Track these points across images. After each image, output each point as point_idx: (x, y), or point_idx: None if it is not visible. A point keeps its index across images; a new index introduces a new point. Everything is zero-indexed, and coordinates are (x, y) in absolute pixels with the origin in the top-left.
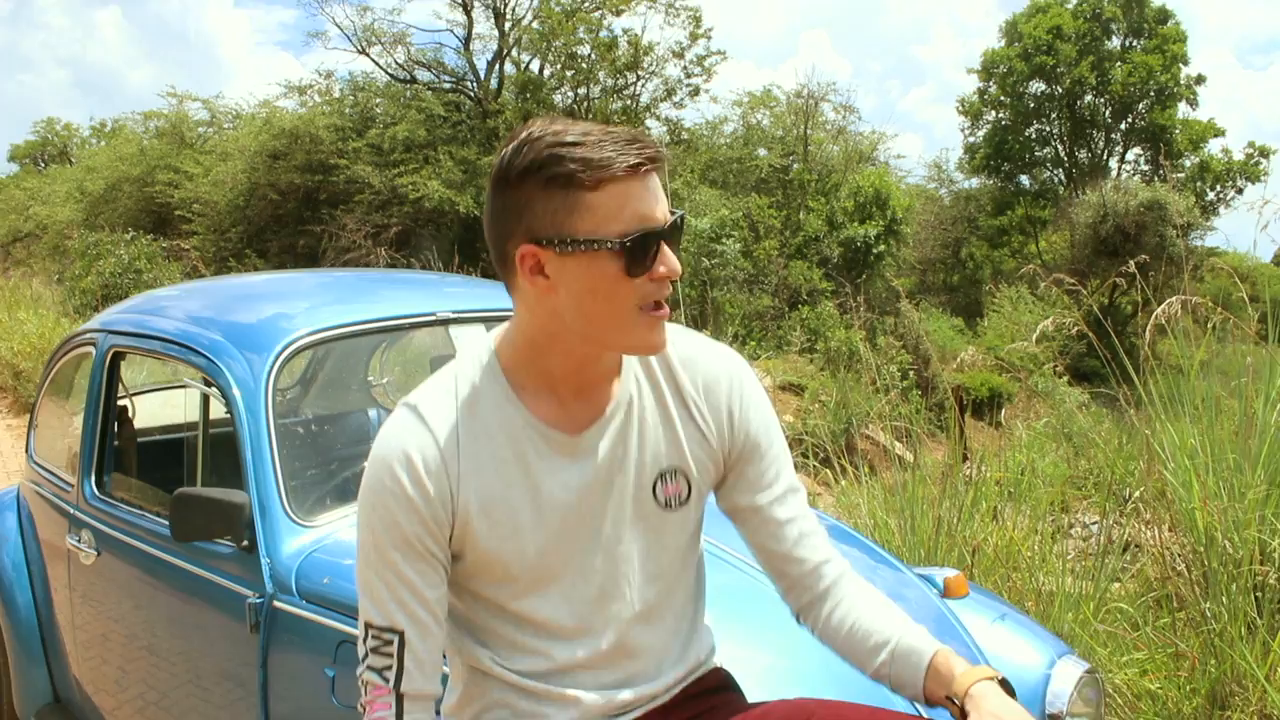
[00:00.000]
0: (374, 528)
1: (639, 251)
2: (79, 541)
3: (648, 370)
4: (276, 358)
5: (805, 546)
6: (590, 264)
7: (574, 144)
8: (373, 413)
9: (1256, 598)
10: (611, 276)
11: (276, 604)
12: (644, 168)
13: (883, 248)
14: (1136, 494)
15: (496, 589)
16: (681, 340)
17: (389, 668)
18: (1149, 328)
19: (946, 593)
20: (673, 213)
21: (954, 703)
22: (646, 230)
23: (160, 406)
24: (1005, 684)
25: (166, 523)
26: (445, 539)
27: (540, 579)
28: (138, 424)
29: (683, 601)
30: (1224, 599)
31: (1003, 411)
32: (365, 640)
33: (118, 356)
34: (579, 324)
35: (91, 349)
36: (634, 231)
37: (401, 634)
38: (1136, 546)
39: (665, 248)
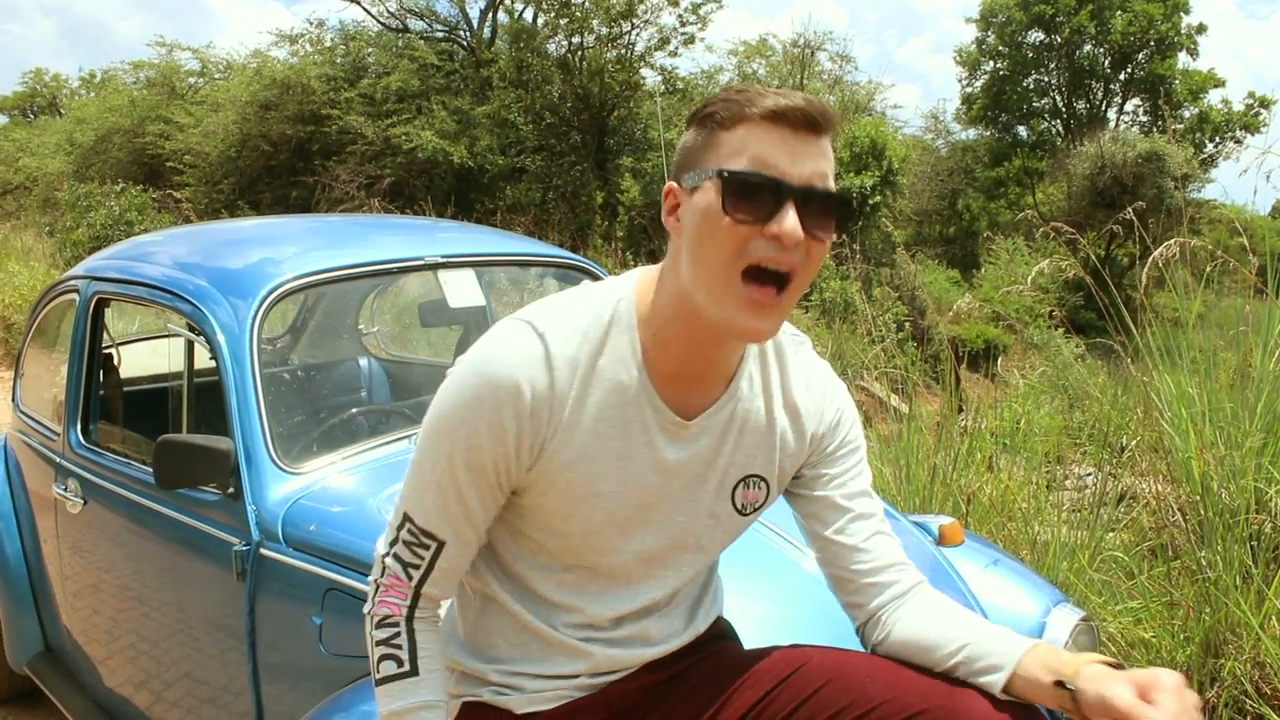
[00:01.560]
0: (454, 438)
1: (740, 188)
2: (65, 490)
3: (764, 374)
4: (262, 303)
5: (871, 546)
6: (701, 201)
7: (737, 92)
8: (363, 361)
9: (1252, 546)
10: (714, 213)
11: (263, 551)
12: (785, 118)
13: (879, 199)
14: (1133, 444)
15: (547, 538)
16: (802, 356)
17: (416, 567)
18: (1145, 272)
19: (942, 540)
20: (833, 190)
21: (1065, 687)
22: (759, 171)
23: (149, 355)
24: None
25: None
26: (520, 475)
27: (594, 546)
28: (128, 373)
29: (707, 581)
30: (1219, 548)
31: (998, 363)
32: (400, 527)
33: (101, 303)
34: (689, 273)
35: (75, 296)
36: (743, 167)
37: (442, 544)
38: (1132, 497)
39: (789, 209)
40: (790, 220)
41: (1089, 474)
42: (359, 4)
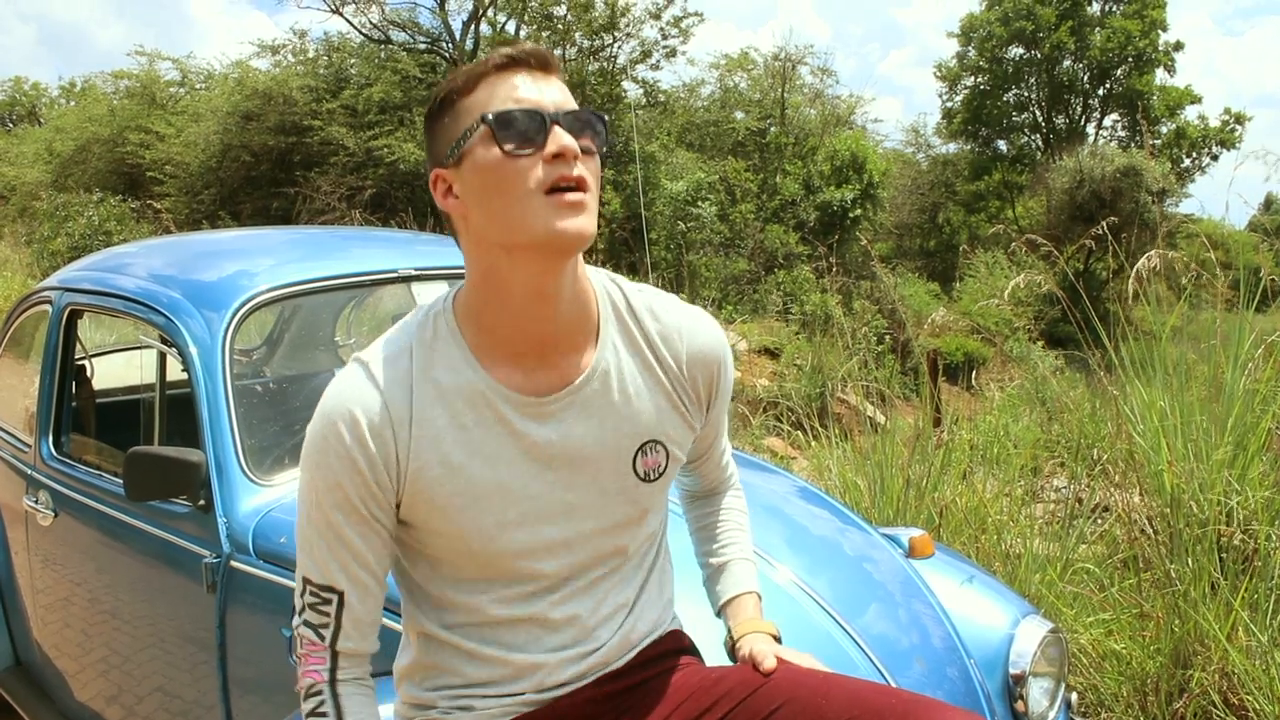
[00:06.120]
0: (316, 486)
1: (509, 124)
2: (36, 503)
3: (628, 338)
4: (234, 315)
5: (714, 478)
6: (475, 159)
7: (458, 74)
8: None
9: (1220, 558)
10: (494, 163)
11: (233, 564)
12: (518, 61)
13: (859, 212)
14: (1105, 456)
15: (457, 558)
16: (664, 307)
17: (325, 626)
18: (1129, 283)
19: (912, 553)
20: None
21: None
22: (517, 107)
23: (123, 367)
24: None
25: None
26: (390, 504)
27: (500, 551)
28: (103, 385)
29: (645, 572)
30: (1189, 560)
31: (974, 374)
32: (303, 594)
33: (74, 315)
34: (493, 233)
35: (48, 307)
36: (500, 109)
37: (341, 594)
38: (1105, 509)
39: (557, 130)
40: (565, 137)
41: (1064, 487)
42: (342, 15)
